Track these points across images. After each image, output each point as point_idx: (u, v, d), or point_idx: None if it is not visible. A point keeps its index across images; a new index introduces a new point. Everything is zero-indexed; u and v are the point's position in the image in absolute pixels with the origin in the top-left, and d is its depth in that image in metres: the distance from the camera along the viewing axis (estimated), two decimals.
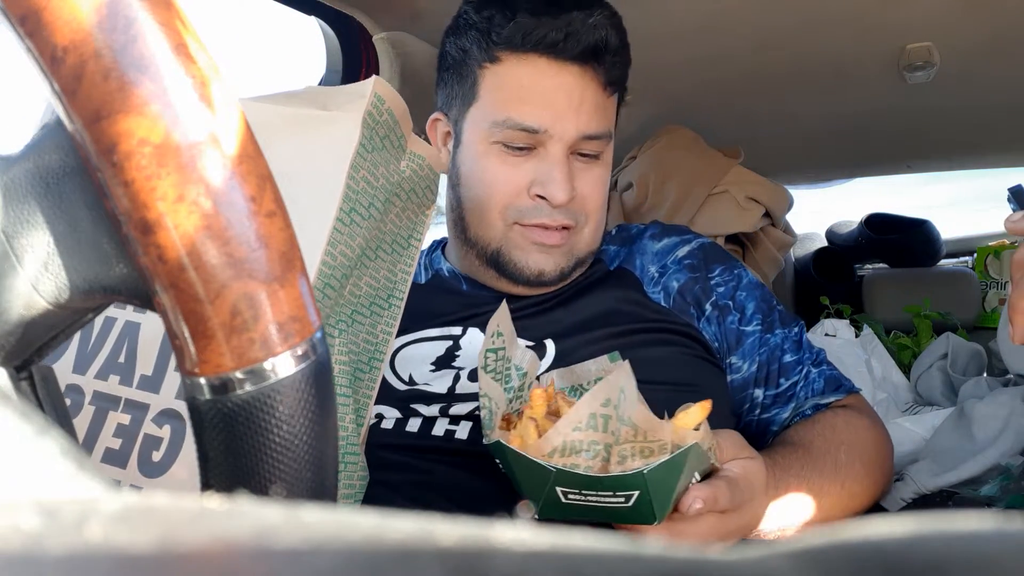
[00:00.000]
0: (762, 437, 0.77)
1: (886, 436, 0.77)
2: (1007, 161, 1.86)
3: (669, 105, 1.51)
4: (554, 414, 0.54)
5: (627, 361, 0.53)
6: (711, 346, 0.76)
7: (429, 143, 0.82)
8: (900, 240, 2.01)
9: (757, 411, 0.77)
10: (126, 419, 0.50)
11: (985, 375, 1.35)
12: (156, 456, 0.49)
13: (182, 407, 0.49)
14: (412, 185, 0.57)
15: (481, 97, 0.72)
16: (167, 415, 0.50)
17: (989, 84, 1.34)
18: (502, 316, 0.60)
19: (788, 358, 0.77)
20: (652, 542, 0.11)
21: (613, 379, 0.50)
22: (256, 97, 0.54)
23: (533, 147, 0.71)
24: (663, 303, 0.77)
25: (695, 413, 0.51)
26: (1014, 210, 0.68)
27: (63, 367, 0.53)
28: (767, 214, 1.58)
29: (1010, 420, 1.05)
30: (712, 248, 0.82)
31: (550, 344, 0.72)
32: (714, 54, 1.27)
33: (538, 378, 0.65)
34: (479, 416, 0.66)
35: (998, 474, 1.02)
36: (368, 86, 0.51)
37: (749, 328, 0.77)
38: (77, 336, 0.53)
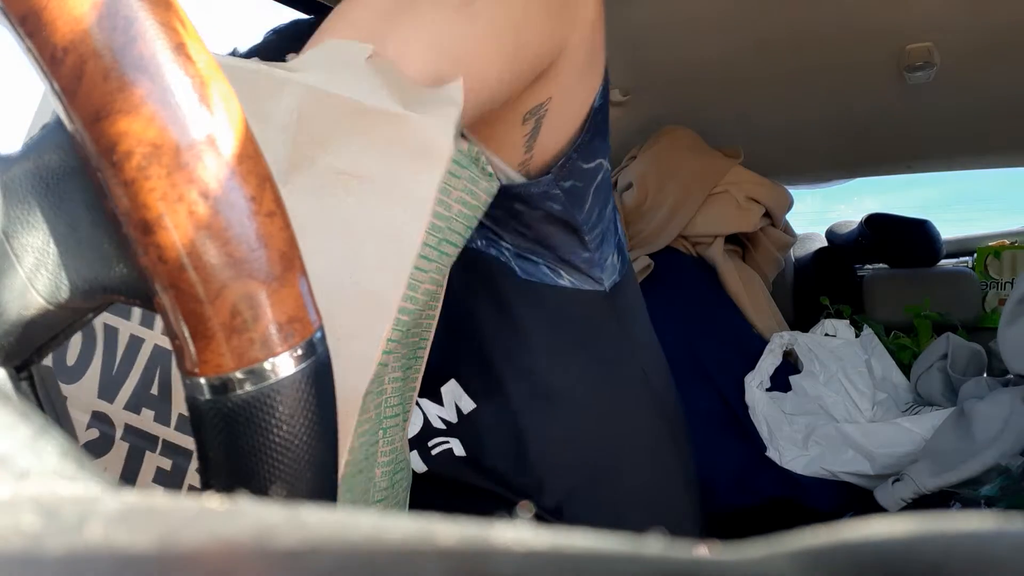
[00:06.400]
0: None
1: None
2: (1007, 161, 1.86)
3: (669, 105, 1.52)
4: None
5: None
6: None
7: None
8: (900, 240, 2.01)
9: None
10: (167, 464, 0.45)
11: (985, 375, 1.36)
12: None
13: None
14: (484, 183, 0.46)
15: None
16: None
17: (989, 84, 1.34)
18: None
19: None
20: (652, 542, 0.11)
21: None
22: (298, 62, 0.42)
23: None
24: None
25: None
26: None
27: (87, 389, 0.47)
28: (767, 214, 1.58)
29: (1010, 420, 1.05)
30: None
31: None
32: (714, 54, 1.27)
33: None
34: (432, 444, 0.63)
35: (998, 474, 1.02)
36: (459, 90, 0.42)
37: None
38: (99, 357, 0.48)
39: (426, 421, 0.64)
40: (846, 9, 1.10)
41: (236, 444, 0.25)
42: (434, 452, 0.63)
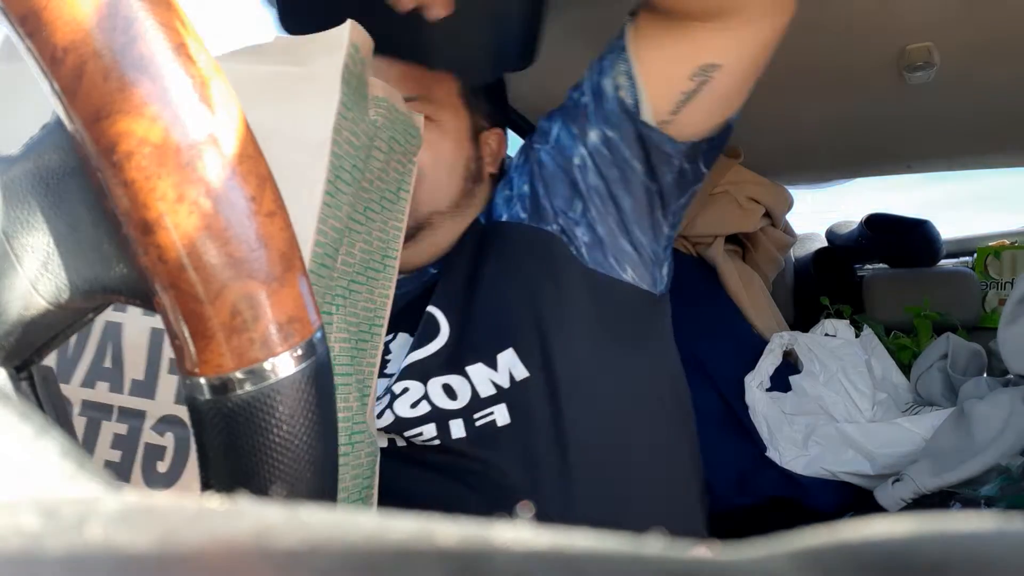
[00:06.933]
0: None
1: None
2: (1007, 161, 1.86)
3: None
4: None
5: None
6: (569, 221, 0.72)
7: None
8: (900, 240, 2.01)
9: (607, 129, 0.69)
10: (122, 429, 0.47)
11: (985, 375, 1.36)
12: (161, 467, 0.46)
13: (183, 412, 0.46)
14: (390, 133, 0.52)
15: None
16: (168, 422, 0.47)
17: (989, 84, 1.34)
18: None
19: (571, 98, 0.73)
20: (652, 542, 0.11)
21: None
22: (224, 55, 0.48)
23: None
24: (523, 216, 0.74)
25: None
26: None
27: None
28: (767, 214, 1.58)
29: (1010, 420, 1.05)
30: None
31: (440, 316, 0.70)
32: None
33: None
34: (395, 420, 0.66)
35: (998, 474, 1.02)
36: (344, 34, 0.46)
37: (553, 130, 0.74)
38: None
39: (474, 393, 0.67)
40: (846, 9, 1.10)
41: (236, 444, 0.25)
42: (478, 424, 0.66)
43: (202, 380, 0.24)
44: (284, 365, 0.25)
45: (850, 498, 1.21)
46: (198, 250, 0.23)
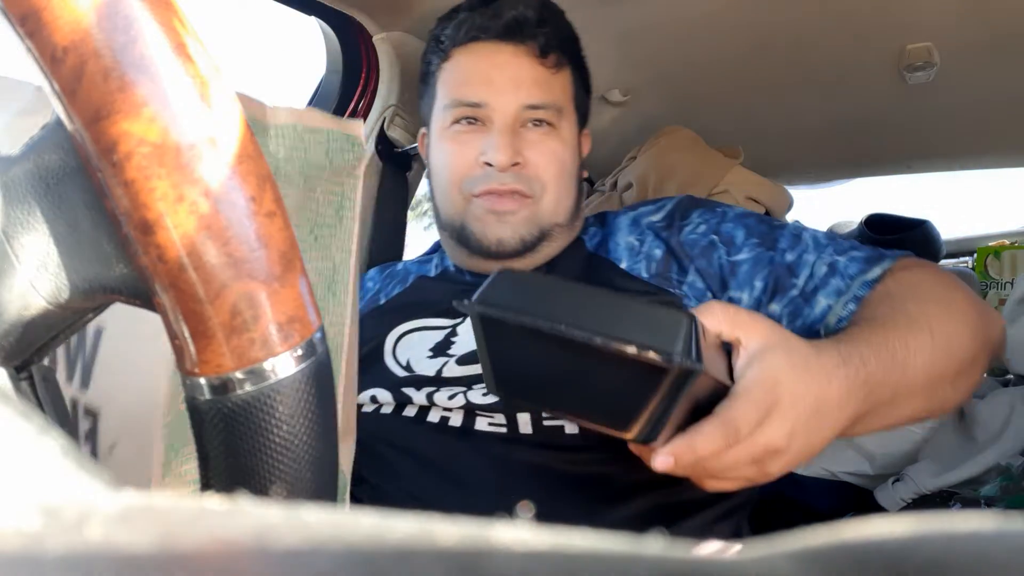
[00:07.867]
0: None
1: (954, 278, 0.69)
2: (1007, 161, 1.86)
3: (669, 105, 1.51)
4: None
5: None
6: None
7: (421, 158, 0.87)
8: (900, 240, 2.00)
9: (784, 323, 0.70)
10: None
11: (985, 375, 1.35)
12: None
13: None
14: (322, 159, 0.45)
15: (438, 92, 0.81)
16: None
17: (989, 84, 1.34)
18: None
19: (790, 257, 0.72)
20: (652, 542, 0.11)
21: None
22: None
23: (481, 122, 0.77)
24: (644, 274, 0.75)
25: None
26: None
27: None
28: (767, 214, 1.58)
29: (1010, 420, 1.05)
30: (690, 200, 0.80)
31: None
32: (715, 54, 1.27)
33: None
34: (466, 404, 0.67)
35: (998, 474, 1.02)
36: (359, 131, 0.44)
37: (742, 256, 0.73)
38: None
39: None
40: (846, 9, 1.10)
41: (236, 444, 0.25)
42: (545, 423, 0.66)
43: (202, 380, 0.24)
44: (284, 365, 0.25)
45: (850, 498, 1.21)
46: (198, 250, 0.23)
